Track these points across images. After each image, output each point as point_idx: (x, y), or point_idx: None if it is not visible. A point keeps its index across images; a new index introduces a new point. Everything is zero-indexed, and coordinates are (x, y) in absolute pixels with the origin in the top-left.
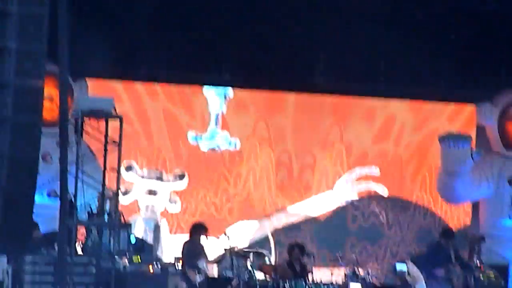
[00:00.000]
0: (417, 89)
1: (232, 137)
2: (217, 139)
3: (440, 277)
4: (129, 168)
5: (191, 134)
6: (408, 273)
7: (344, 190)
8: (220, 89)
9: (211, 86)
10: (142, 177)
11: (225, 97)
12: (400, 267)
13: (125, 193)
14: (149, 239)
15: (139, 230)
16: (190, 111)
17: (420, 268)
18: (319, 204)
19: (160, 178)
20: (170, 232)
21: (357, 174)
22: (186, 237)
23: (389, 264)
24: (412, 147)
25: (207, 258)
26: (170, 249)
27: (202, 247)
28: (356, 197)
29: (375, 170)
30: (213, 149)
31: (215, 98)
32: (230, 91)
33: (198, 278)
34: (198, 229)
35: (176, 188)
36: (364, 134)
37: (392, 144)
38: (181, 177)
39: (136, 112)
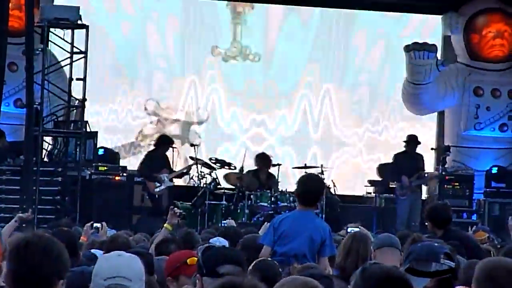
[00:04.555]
0: None
1: None
2: None
3: (406, 185)
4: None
5: None
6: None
7: None
8: None
9: None
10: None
11: None
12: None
13: None
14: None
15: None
16: None
17: (388, 178)
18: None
19: None
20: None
21: None
22: None
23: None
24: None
25: (170, 170)
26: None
27: (166, 158)
28: None
29: None
30: None
31: None
32: None
33: (157, 189)
34: (163, 142)
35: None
36: None
37: None
38: None
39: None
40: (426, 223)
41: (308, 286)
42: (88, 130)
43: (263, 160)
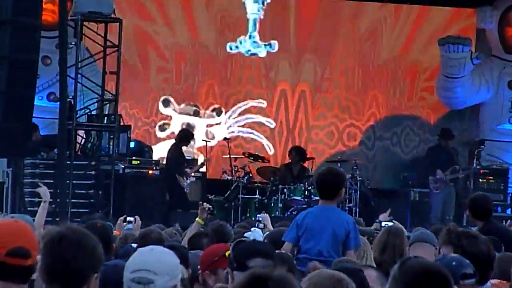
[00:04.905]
0: None
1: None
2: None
3: (441, 179)
4: (166, 103)
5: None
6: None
7: None
8: None
9: None
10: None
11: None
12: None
13: (162, 129)
14: None
15: None
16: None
17: (421, 171)
18: None
19: (197, 113)
20: None
21: None
22: None
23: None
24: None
25: (192, 165)
26: None
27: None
28: None
29: None
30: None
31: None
32: None
33: (185, 183)
34: (183, 136)
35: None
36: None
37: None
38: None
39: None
40: (466, 213)
41: (334, 279)
42: (121, 123)
43: (297, 154)
